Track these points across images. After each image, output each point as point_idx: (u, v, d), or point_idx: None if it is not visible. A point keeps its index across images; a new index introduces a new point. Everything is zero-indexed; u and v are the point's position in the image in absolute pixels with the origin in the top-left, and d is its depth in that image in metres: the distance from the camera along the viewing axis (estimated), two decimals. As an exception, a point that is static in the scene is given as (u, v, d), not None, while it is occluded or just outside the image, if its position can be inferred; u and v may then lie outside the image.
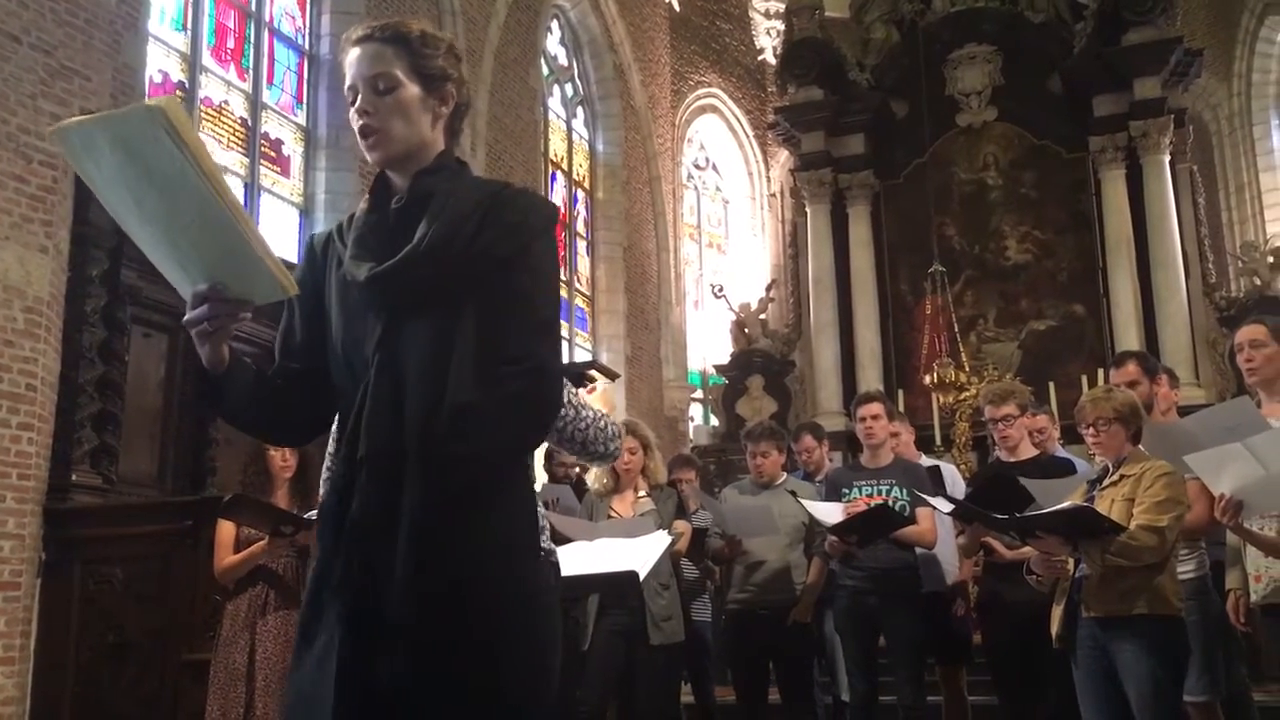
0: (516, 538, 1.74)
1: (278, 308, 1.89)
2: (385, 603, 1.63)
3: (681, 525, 4.92)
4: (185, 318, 1.73)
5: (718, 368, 13.35)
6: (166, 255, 1.71)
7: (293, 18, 9.61)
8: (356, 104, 1.83)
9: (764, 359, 12.67)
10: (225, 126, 8.64)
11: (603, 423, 2.51)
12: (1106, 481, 3.61)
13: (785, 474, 5.32)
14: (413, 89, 1.82)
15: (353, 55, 1.84)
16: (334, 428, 1.93)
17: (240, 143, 8.75)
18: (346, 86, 1.85)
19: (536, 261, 1.78)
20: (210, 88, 8.54)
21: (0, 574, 5.54)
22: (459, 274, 1.74)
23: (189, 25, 8.39)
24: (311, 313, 1.89)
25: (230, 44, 8.87)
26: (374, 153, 1.83)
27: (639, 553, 3.88)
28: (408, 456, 1.66)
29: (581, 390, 2.79)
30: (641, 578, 3.89)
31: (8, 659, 5.54)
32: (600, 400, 2.73)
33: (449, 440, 1.65)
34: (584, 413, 2.48)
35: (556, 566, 2.40)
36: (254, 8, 9.16)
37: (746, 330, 12.95)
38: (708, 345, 15.02)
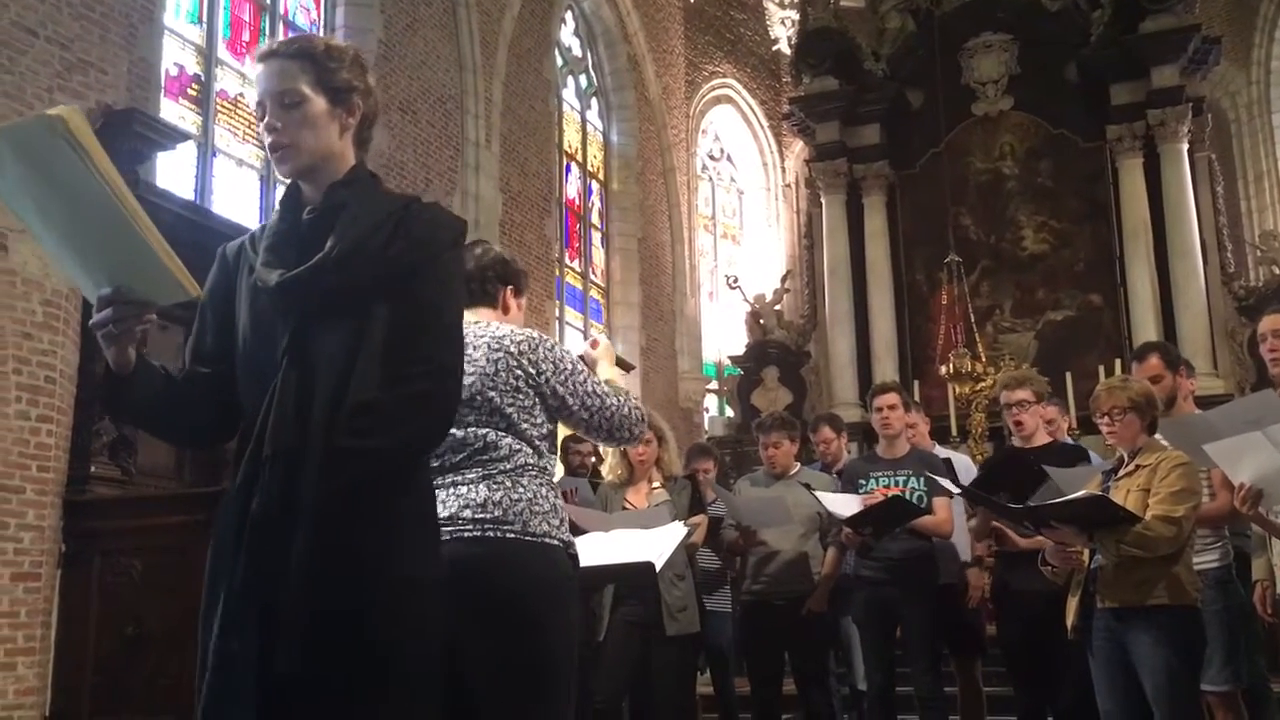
0: (413, 533, 1.82)
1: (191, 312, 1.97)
2: (281, 598, 1.68)
3: (699, 518, 4.92)
4: (91, 321, 1.80)
5: (733, 359, 13.34)
6: (73, 261, 1.76)
7: (307, 10, 9.63)
8: (265, 119, 1.89)
9: (779, 350, 12.65)
10: (240, 119, 8.66)
11: (626, 409, 2.52)
12: (1122, 472, 3.59)
13: (799, 465, 5.31)
14: (319, 102, 1.89)
15: (260, 71, 1.92)
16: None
17: (255, 135, 8.76)
18: (255, 103, 1.93)
19: (443, 273, 1.87)
20: (226, 81, 8.56)
21: (21, 565, 5.58)
22: (367, 282, 1.81)
23: (204, 18, 8.41)
24: (222, 319, 1.96)
25: (245, 37, 8.89)
26: (283, 165, 1.91)
27: (654, 543, 3.87)
28: (309, 454, 1.72)
29: (585, 345, 2.82)
30: (657, 569, 3.89)
31: (28, 649, 5.58)
32: (605, 354, 2.74)
33: (346, 435, 1.72)
34: (609, 400, 2.49)
35: (575, 558, 2.41)
36: (269, 0, 9.17)
37: (761, 321, 12.94)
38: (723, 337, 15.01)
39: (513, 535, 2.27)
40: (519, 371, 2.38)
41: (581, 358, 2.63)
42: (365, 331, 1.79)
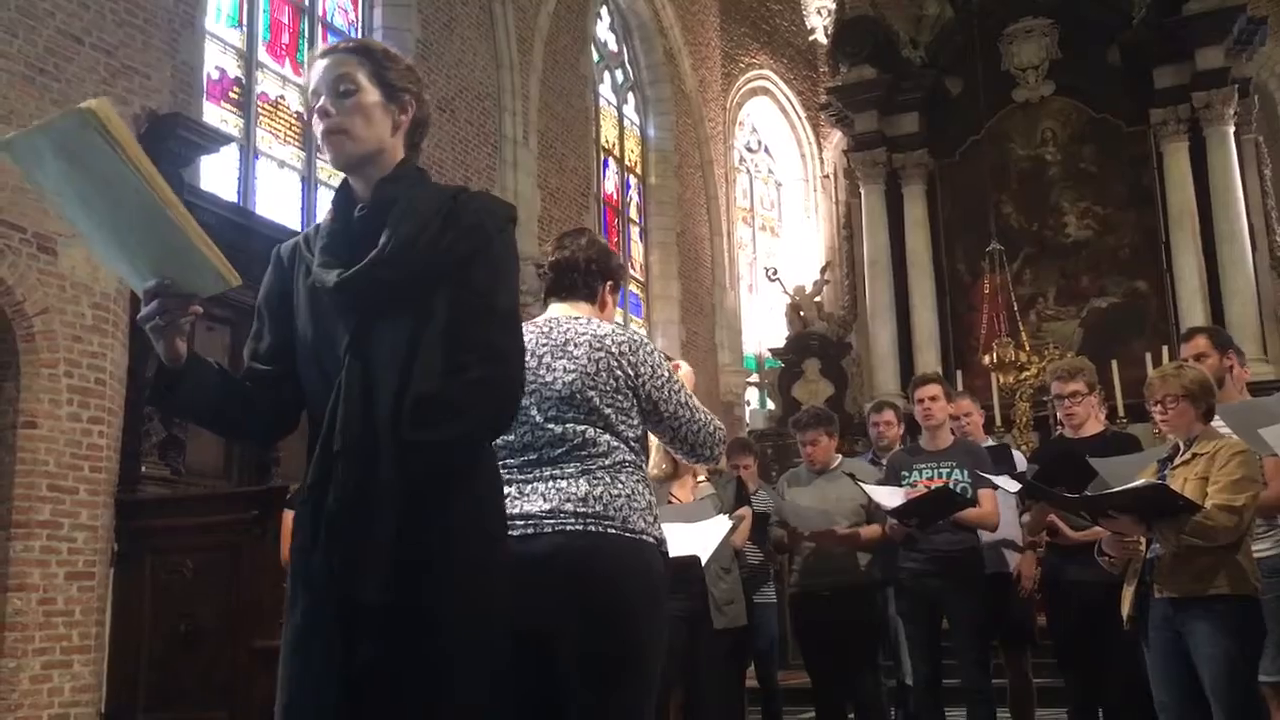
0: (483, 519, 1.84)
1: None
2: (363, 589, 1.71)
3: (743, 511, 4.91)
4: (139, 315, 1.81)
5: (773, 351, 13.29)
6: (118, 255, 1.78)
7: (345, 11, 9.70)
8: (318, 106, 1.90)
9: (820, 342, 12.57)
10: (281, 121, 8.74)
11: (711, 427, 2.54)
12: (1178, 460, 3.53)
13: (839, 457, 5.28)
14: (374, 94, 1.90)
15: (318, 66, 1.93)
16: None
17: (296, 137, 8.85)
18: (310, 93, 1.93)
19: (495, 258, 1.87)
20: (266, 83, 8.65)
21: (75, 564, 5.68)
22: (423, 275, 1.83)
23: (244, 22, 8.50)
24: (279, 319, 1.97)
25: (285, 39, 8.97)
26: (334, 152, 1.91)
27: (701, 537, 3.87)
28: (379, 447, 1.75)
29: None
30: (704, 562, 3.89)
31: (84, 647, 5.68)
32: (685, 380, 2.75)
33: (414, 428, 1.74)
34: (698, 415, 2.50)
35: (667, 555, 2.43)
36: (307, 3, 9.25)
37: (802, 313, 12.87)
38: (763, 329, 14.96)
39: (614, 531, 2.29)
40: (619, 373, 2.38)
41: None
42: (424, 324, 1.80)
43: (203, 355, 1.90)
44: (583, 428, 2.34)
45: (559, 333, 2.42)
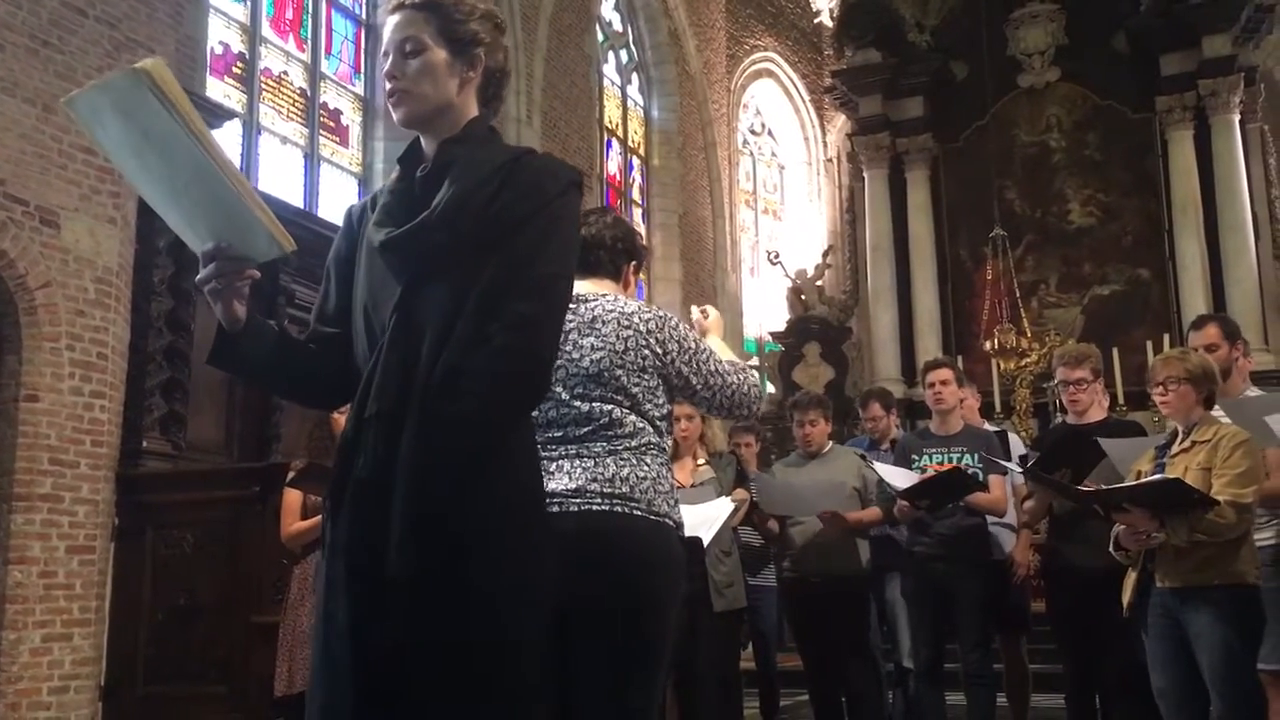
0: (514, 498, 1.75)
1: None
2: (384, 561, 1.66)
3: (741, 493, 4.91)
4: (196, 277, 1.78)
5: (774, 335, 13.29)
6: (177, 216, 1.76)
7: (349, -13, 9.65)
8: (385, 69, 1.89)
9: (821, 326, 12.57)
10: (285, 97, 8.71)
11: (745, 386, 2.54)
12: (1177, 447, 3.53)
13: (831, 443, 5.28)
14: (440, 53, 1.86)
15: (388, 25, 1.90)
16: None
17: (300, 113, 8.82)
18: (381, 54, 1.91)
19: (545, 223, 1.79)
20: (270, 59, 8.61)
21: (76, 538, 5.69)
22: (474, 238, 1.75)
23: (248, -4, 8.45)
24: (345, 280, 1.94)
25: (289, 15, 8.92)
26: (398, 111, 1.88)
27: (702, 519, 3.87)
28: (407, 417, 1.69)
29: (696, 314, 2.83)
30: (705, 544, 3.89)
31: (84, 621, 5.69)
32: (715, 326, 2.78)
33: (437, 400, 1.67)
34: (729, 379, 2.51)
35: (684, 539, 2.44)
36: (311, -22, 9.20)
37: (803, 297, 12.86)
38: (764, 312, 14.95)
39: (639, 513, 2.28)
40: (646, 351, 2.38)
41: (691, 327, 2.63)
42: (469, 289, 1.73)
43: (263, 318, 1.87)
44: (609, 407, 2.33)
45: (586, 309, 2.41)
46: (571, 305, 2.39)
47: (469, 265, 1.74)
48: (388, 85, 1.87)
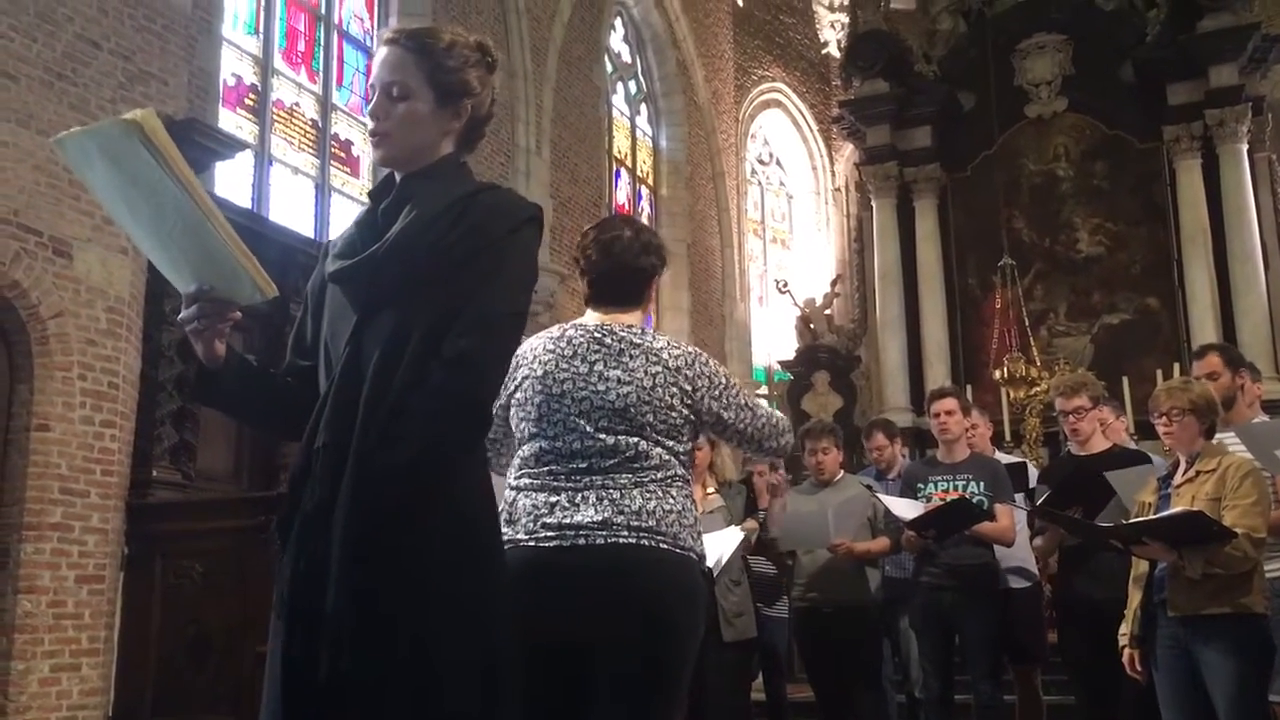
0: (456, 534, 1.71)
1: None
2: (325, 598, 1.65)
3: (752, 523, 4.90)
4: (179, 316, 1.82)
5: (783, 364, 13.28)
6: (163, 258, 1.80)
7: (361, 20, 9.75)
8: (370, 105, 1.89)
9: (829, 355, 12.56)
10: (296, 128, 8.78)
11: (774, 419, 2.55)
12: (1181, 477, 3.51)
13: (842, 472, 5.27)
14: (426, 100, 1.85)
15: (380, 55, 1.90)
16: None
17: (311, 144, 8.89)
18: (369, 84, 1.93)
19: (492, 260, 1.77)
20: (282, 90, 8.68)
21: (85, 567, 5.69)
22: (425, 273, 1.75)
23: (261, 29, 8.54)
24: (319, 311, 1.95)
25: (301, 47, 9.01)
26: (377, 150, 1.90)
27: (712, 548, 3.86)
28: (350, 453, 1.68)
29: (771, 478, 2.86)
30: (715, 574, 3.88)
31: (93, 650, 5.69)
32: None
33: (376, 442, 1.66)
34: (759, 413, 2.52)
35: (707, 573, 2.43)
36: (324, 10, 9.30)
37: (812, 326, 12.86)
38: (772, 341, 14.95)
39: (665, 546, 2.28)
40: (675, 388, 2.37)
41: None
42: (415, 327, 1.72)
43: (242, 353, 1.89)
44: (635, 439, 2.32)
45: (614, 340, 2.40)
46: (597, 335, 2.39)
47: (419, 300, 1.74)
48: (370, 123, 1.88)
